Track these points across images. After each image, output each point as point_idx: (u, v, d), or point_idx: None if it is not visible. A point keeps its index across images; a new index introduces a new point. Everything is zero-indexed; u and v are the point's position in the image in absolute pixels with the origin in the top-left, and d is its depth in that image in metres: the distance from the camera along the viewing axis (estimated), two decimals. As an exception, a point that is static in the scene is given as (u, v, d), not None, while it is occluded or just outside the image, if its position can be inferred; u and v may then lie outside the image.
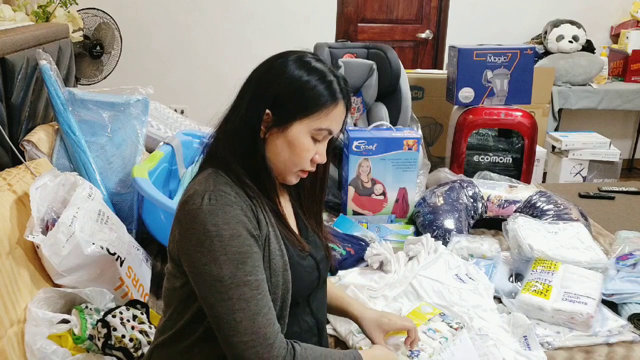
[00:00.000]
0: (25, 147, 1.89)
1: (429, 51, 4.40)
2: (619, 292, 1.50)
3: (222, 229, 0.96)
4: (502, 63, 2.43)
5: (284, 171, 1.08)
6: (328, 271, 1.22)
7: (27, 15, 2.75)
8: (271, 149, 1.06)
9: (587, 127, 4.14)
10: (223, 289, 0.95)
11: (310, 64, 1.05)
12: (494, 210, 2.03)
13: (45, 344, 1.35)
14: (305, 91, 1.03)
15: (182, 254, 1.01)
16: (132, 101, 2.15)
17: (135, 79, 2.77)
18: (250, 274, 0.97)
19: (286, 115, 1.03)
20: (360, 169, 2.02)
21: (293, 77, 1.03)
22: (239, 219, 0.98)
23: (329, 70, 1.06)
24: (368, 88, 2.48)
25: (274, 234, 1.04)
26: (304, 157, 1.06)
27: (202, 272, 0.97)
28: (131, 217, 2.03)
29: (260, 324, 0.95)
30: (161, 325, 1.13)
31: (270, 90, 1.03)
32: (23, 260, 1.47)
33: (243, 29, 3.96)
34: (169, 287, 1.10)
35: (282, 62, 1.05)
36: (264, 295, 0.98)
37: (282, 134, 1.04)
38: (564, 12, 4.26)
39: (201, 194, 0.98)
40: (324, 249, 1.19)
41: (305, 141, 1.05)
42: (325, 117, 1.04)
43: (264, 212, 1.04)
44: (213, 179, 1.02)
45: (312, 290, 1.14)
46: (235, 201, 0.99)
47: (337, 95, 1.05)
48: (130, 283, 1.68)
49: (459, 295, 1.47)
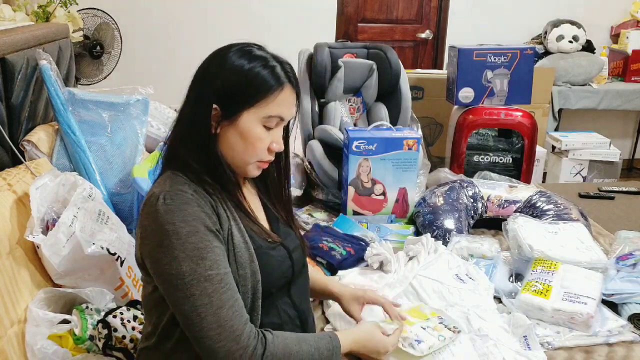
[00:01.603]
0: (25, 147, 1.89)
1: (429, 51, 4.40)
2: (619, 292, 1.50)
3: (179, 227, 0.97)
4: (502, 63, 2.43)
5: (242, 164, 1.08)
6: (304, 260, 1.21)
7: (27, 15, 2.75)
8: (225, 143, 1.06)
9: (587, 127, 4.14)
10: (184, 286, 0.96)
11: (252, 53, 1.05)
12: (494, 210, 2.03)
13: (46, 344, 1.35)
14: (248, 79, 1.02)
15: (145, 256, 1.02)
16: (132, 101, 2.15)
17: (135, 79, 2.77)
18: (210, 269, 0.97)
19: (233, 106, 1.03)
20: (360, 169, 2.02)
21: (235, 67, 1.03)
22: (196, 215, 0.98)
23: (271, 57, 1.06)
24: (368, 88, 2.48)
25: (236, 228, 1.05)
26: (259, 147, 1.06)
27: (164, 272, 0.98)
28: (131, 217, 2.03)
29: (225, 317, 0.96)
30: (144, 330, 1.14)
31: (214, 84, 1.03)
32: (23, 260, 1.47)
33: (243, 29, 3.96)
34: (144, 294, 1.11)
35: (223, 55, 1.05)
36: (227, 288, 0.98)
37: (233, 126, 1.04)
38: (564, 12, 4.26)
39: (157, 195, 0.99)
40: (297, 238, 1.20)
41: (257, 130, 1.05)
42: (273, 103, 1.04)
43: (225, 207, 1.05)
44: (170, 180, 1.03)
45: (288, 280, 1.14)
46: (192, 199, 1.00)
47: (282, 80, 1.04)
48: (130, 283, 1.68)
49: (459, 295, 1.47)
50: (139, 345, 1.17)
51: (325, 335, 1.08)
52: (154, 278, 1.02)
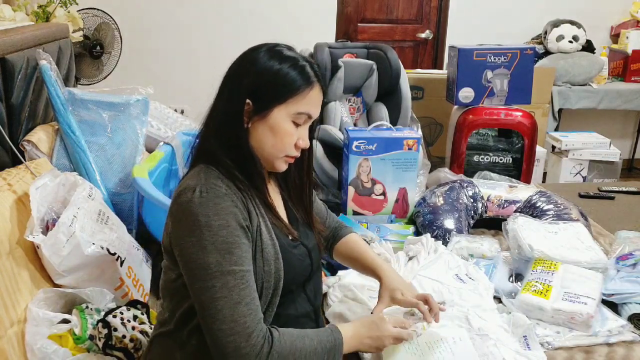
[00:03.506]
0: (25, 147, 1.89)
1: (429, 51, 4.40)
2: (619, 292, 1.50)
3: (211, 219, 1.00)
4: (502, 63, 2.43)
5: (271, 158, 1.13)
6: (320, 259, 1.26)
7: (27, 15, 2.75)
8: (255, 138, 1.10)
9: (587, 127, 4.13)
10: (208, 276, 0.99)
11: (282, 53, 1.10)
12: (494, 210, 2.03)
13: (46, 344, 1.36)
14: (280, 78, 1.07)
15: (174, 244, 1.06)
16: (132, 101, 2.15)
17: (135, 79, 2.77)
18: (235, 264, 1.00)
19: (265, 102, 1.08)
20: (360, 169, 2.02)
21: (266, 67, 1.08)
22: (229, 210, 1.02)
23: (300, 57, 1.11)
24: (368, 88, 2.48)
25: (264, 224, 1.09)
26: (287, 142, 1.11)
27: (190, 260, 1.01)
28: (131, 217, 2.03)
29: (241, 313, 0.98)
30: (159, 317, 1.17)
31: (247, 82, 1.08)
32: (23, 260, 1.47)
33: (243, 29, 3.96)
34: (165, 280, 1.14)
35: (255, 55, 1.10)
36: (247, 285, 1.01)
37: (264, 121, 1.09)
38: (564, 12, 4.26)
39: (193, 188, 1.03)
40: (315, 238, 1.23)
41: (286, 126, 1.09)
42: (302, 101, 1.09)
43: (254, 204, 1.09)
44: (204, 173, 1.07)
45: (306, 278, 1.18)
46: (225, 193, 1.04)
47: (312, 79, 1.10)
48: (130, 283, 1.68)
49: (459, 295, 1.47)
50: (153, 332, 1.19)
51: (327, 329, 1.09)
52: (180, 265, 1.05)
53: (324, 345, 1.05)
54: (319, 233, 1.26)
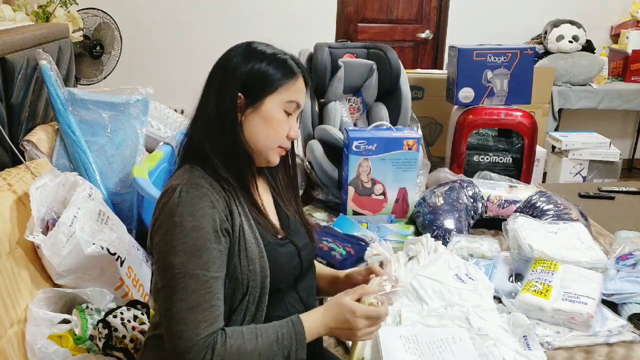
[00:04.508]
0: (25, 147, 1.89)
1: (429, 51, 4.40)
2: (619, 292, 1.50)
3: (185, 220, 1.00)
4: (502, 63, 2.43)
5: (265, 149, 1.13)
6: (313, 258, 1.25)
7: (27, 15, 2.75)
8: (248, 131, 1.11)
9: (587, 127, 4.13)
10: (170, 276, 0.99)
11: (264, 49, 1.13)
12: (494, 210, 2.03)
13: (46, 344, 1.36)
14: (269, 69, 1.10)
15: (153, 245, 1.06)
16: (132, 101, 2.15)
17: (135, 79, 2.77)
18: (200, 268, 0.99)
19: (257, 93, 1.10)
20: (360, 169, 2.02)
21: (256, 56, 1.11)
22: (205, 212, 1.02)
23: (280, 52, 1.14)
24: (368, 88, 2.48)
25: (247, 224, 1.08)
26: (280, 131, 1.12)
27: (158, 259, 1.03)
28: (131, 217, 2.03)
29: (194, 319, 0.98)
30: (153, 319, 1.18)
31: (238, 75, 1.10)
32: (23, 260, 1.47)
33: (243, 29, 3.96)
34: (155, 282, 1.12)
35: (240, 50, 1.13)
36: (208, 291, 1.00)
37: (257, 112, 1.10)
38: (564, 12, 4.26)
39: (175, 187, 1.04)
40: (306, 236, 1.22)
41: (279, 115, 1.12)
42: (292, 88, 1.12)
43: (238, 204, 1.08)
44: (189, 173, 1.07)
45: (296, 277, 1.16)
46: (206, 194, 1.03)
47: (295, 70, 1.13)
48: (130, 283, 1.68)
49: (459, 295, 1.47)
50: (147, 334, 1.19)
51: (288, 322, 1.05)
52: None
53: (282, 342, 1.02)
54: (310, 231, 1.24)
